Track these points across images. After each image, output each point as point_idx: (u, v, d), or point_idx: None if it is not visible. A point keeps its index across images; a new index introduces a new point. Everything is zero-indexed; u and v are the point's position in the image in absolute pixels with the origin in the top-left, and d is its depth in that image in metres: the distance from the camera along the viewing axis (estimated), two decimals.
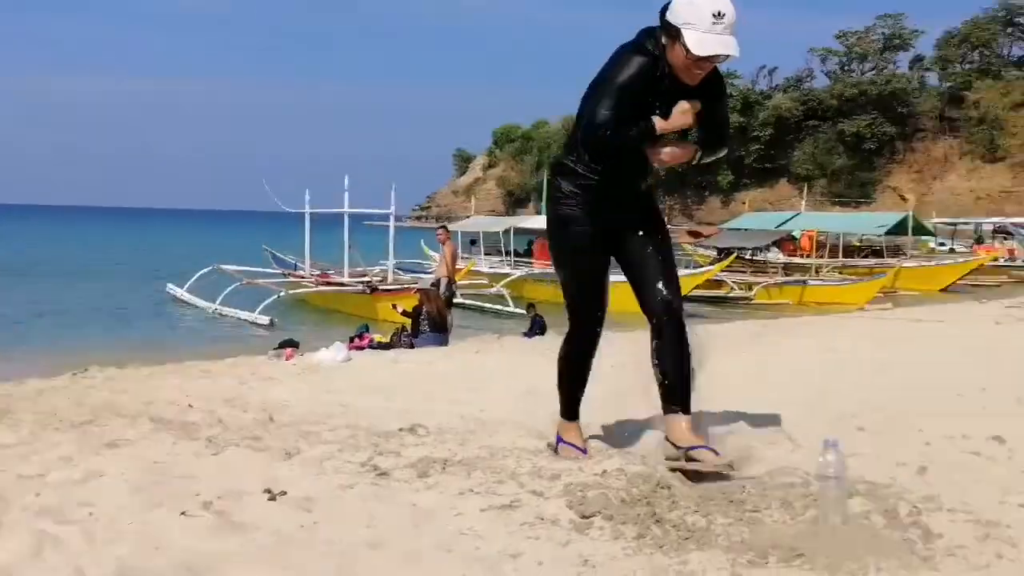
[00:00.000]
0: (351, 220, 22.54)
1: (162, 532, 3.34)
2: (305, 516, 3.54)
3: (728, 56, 3.77)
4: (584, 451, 4.33)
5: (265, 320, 18.29)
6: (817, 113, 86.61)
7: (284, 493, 3.81)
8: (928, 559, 3.10)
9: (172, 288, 23.09)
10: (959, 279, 31.77)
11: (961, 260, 34.99)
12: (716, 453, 4.00)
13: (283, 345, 10.88)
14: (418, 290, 14.58)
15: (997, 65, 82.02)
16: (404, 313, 13.85)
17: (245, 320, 18.76)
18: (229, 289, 20.52)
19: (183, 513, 3.54)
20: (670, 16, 3.74)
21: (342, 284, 21.74)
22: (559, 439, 4.45)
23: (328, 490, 3.91)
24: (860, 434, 4.98)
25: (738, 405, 5.16)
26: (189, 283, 22.57)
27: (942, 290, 30.09)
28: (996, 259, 39.80)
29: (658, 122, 3.80)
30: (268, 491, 3.81)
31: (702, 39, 3.65)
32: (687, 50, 3.67)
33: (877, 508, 3.56)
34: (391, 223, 22.42)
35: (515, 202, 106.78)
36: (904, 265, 31.68)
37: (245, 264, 24.57)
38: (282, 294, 20.27)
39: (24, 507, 3.62)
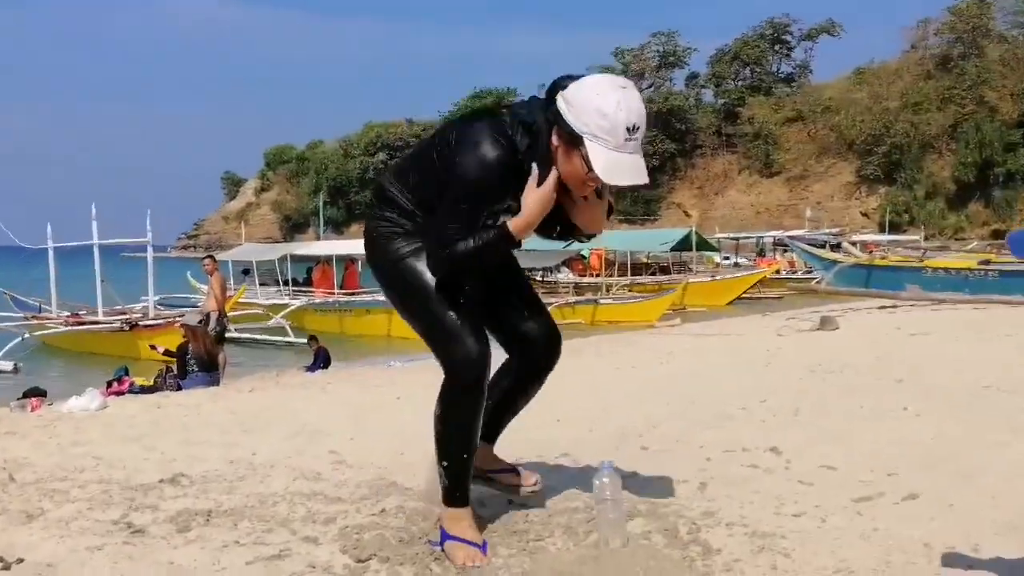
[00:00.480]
0: (104, 252, 21.48)
1: None
2: None
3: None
4: (483, 548, 3.46)
5: (8, 366, 17.19)
6: None
7: (21, 560, 3.58)
8: (706, 575, 3.26)
9: None
10: (743, 292, 33.81)
11: (744, 274, 37.24)
12: (518, 474, 3.99)
13: (28, 394, 10.24)
14: (182, 325, 14.04)
15: (768, 81, 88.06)
16: (167, 353, 13.39)
17: None
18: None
19: None
20: (570, 115, 3.18)
21: (96, 322, 20.71)
22: (445, 535, 3.51)
23: (73, 553, 3.71)
24: (643, 453, 5.21)
25: (523, 428, 5.27)
26: None
27: (728, 303, 31.90)
28: (778, 271, 42.67)
29: (512, 223, 3.26)
30: (1, 560, 3.57)
31: (615, 163, 3.13)
32: (588, 167, 3.16)
33: (657, 528, 3.74)
34: (149, 253, 21.43)
35: (292, 227, 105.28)
36: (690, 281, 33.39)
37: None
38: (26, 336, 19.13)
39: None
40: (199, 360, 12.34)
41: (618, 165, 3.14)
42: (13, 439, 6.97)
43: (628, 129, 3.12)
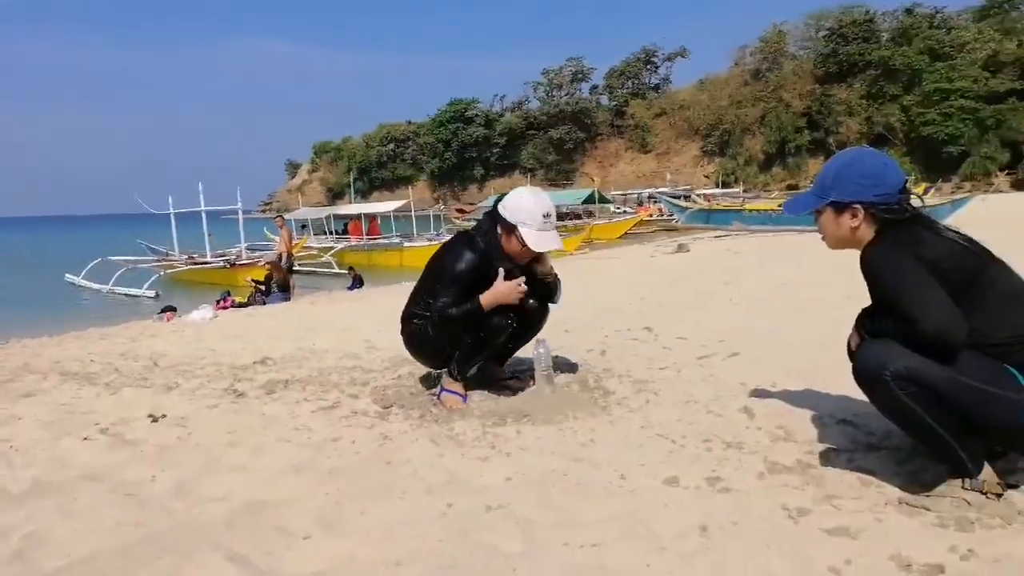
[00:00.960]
0: (208, 216, 21.08)
1: (68, 454, 3.09)
2: (181, 430, 3.37)
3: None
4: (465, 398, 3.50)
5: (151, 294, 16.80)
6: (534, 125, 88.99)
7: (164, 416, 3.60)
8: (605, 408, 3.35)
9: (70, 276, 20.76)
10: (629, 230, 33.70)
11: (629, 217, 37.10)
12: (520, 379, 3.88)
13: (164, 310, 10.07)
14: (267, 262, 13.86)
15: (643, 89, 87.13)
16: (255, 282, 13.14)
17: (134, 296, 17.16)
18: (117, 274, 18.70)
19: (85, 438, 3.28)
20: (506, 214, 3.30)
21: (207, 262, 20.33)
22: (442, 388, 3.56)
23: (198, 410, 3.73)
24: (565, 334, 5.26)
25: None
26: (84, 272, 20.39)
27: (618, 238, 31.80)
28: (651, 216, 42.69)
29: (484, 298, 3.30)
30: (151, 415, 3.59)
31: (538, 237, 3.27)
32: (523, 243, 3.28)
33: (575, 380, 3.81)
34: (240, 216, 21.03)
35: (334, 196, 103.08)
36: (594, 223, 33.17)
37: (126, 255, 22.53)
38: (161, 273, 18.71)
39: None
40: (278, 284, 12.20)
41: (541, 238, 3.29)
42: (156, 340, 6.91)
43: (544, 216, 3.27)
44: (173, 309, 9.72)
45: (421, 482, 2.54)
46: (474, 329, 3.39)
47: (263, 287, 12.42)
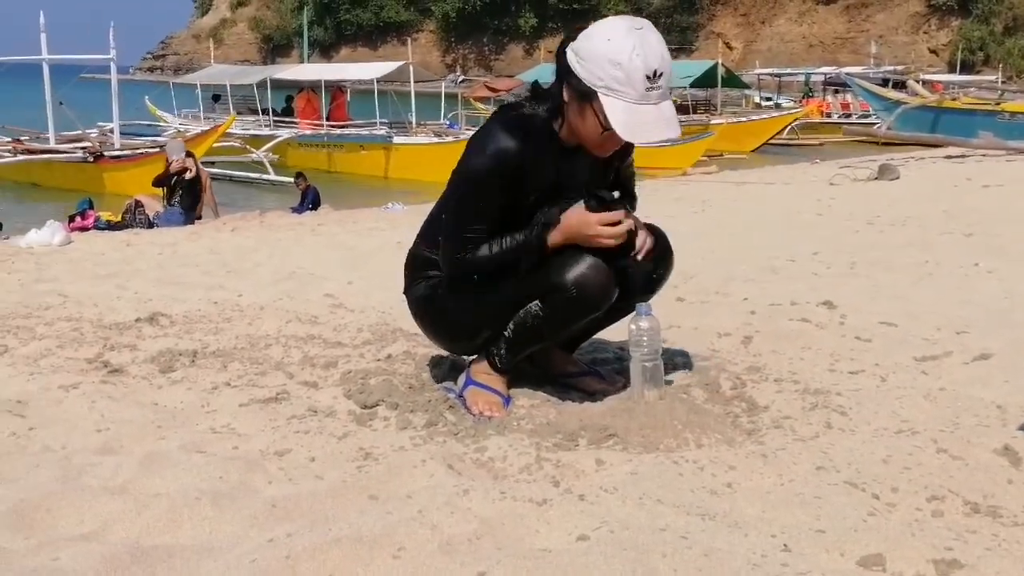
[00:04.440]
0: (56, 72, 21.08)
1: None
2: (17, 422, 3.44)
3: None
4: (506, 401, 3.55)
5: None
6: None
7: None
8: (753, 432, 3.32)
9: None
10: (774, 137, 33.22)
11: (780, 114, 36.51)
12: (601, 377, 3.87)
13: None
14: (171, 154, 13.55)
15: None
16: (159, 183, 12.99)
17: None
18: None
19: None
20: (581, 70, 3.15)
21: (53, 151, 20.45)
22: (469, 380, 3.61)
23: (45, 392, 3.80)
24: (679, 305, 5.24)
25: None
26: None
27: (753, 150, 31.34)
28: (826, 114, 42.09)
29: (553, 235, 3.30)
30: None
31: (636, 119, 3.11)
32: (604, 125, 3.15)
33: (697, 381, 3.80)
34: (113, 74, 20.98)
35: (273, 49, 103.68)
36: (716, 121, 32.78)
37: None
38: None
39: None
40: (191, 193, 12.29)
41: (640, 120, 3.12)
42: None
43: (648, 77, 3.07)
44: None
45: (431, 534, 2.54)
46: (532, 290, 3.38)
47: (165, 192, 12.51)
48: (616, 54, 3.08)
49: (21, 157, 20.21)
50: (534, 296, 3.39)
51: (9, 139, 21.99)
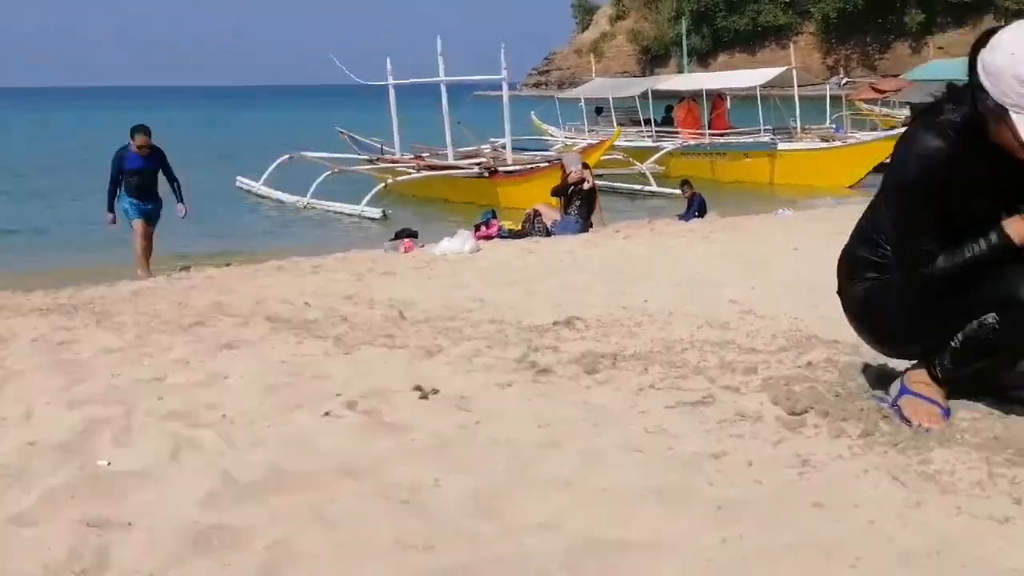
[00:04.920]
0: (451, 91, 22.16)
1: (306, 434, 3.51)
2: (464, 416, 3.67)
3: None
4: (946, 412, 3.40)
5: (376, 213, 18.23)
6: None
7: (436, 392, 3.94)
8: None
9: (244, 181, 22.95)
10: None
11: None
12: None
13: (399, 235, 11.06)
14: (566, 167, 13.98)
15: None
16: (560, 194, 13.50)
17: (349, 214, 18.75)
18: (320, 179, 20.51)
19: (326, 414, 3.71)
20: (989, 85, 3.07)
21: (452, 167, 21.56)
22: (904, 390, 3.50)
23: (484, 388, 4.04)
24: None
25: None
26: (264, 175, 22.37)
27: None
28: None
29: (1013, 227, 3.20)
30: (419, 388, 3.95)
31: None
32: (1021, 142, 3.02)
33: None
34: (504, 91, 21.78)
35: (652, 60, 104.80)
36: None
37: (323, 150, 24.24)
38: (389, 182, 20.05)
39: (149, 411, 3.84)
40: (586, 203, 12.67)
41: None
42: (393, 280, 7.66)
43: None
44: (413, 235, 10.67)
45: (887, 546, 2.49)
46: (987, 301, 3.22)
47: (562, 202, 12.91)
48: (1021, 70, 2.95)
49: (424, 173, 21.46)
50: (989, 308, 3.22)
51: (412, 155, 23.42)
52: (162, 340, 5.31)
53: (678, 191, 18.33)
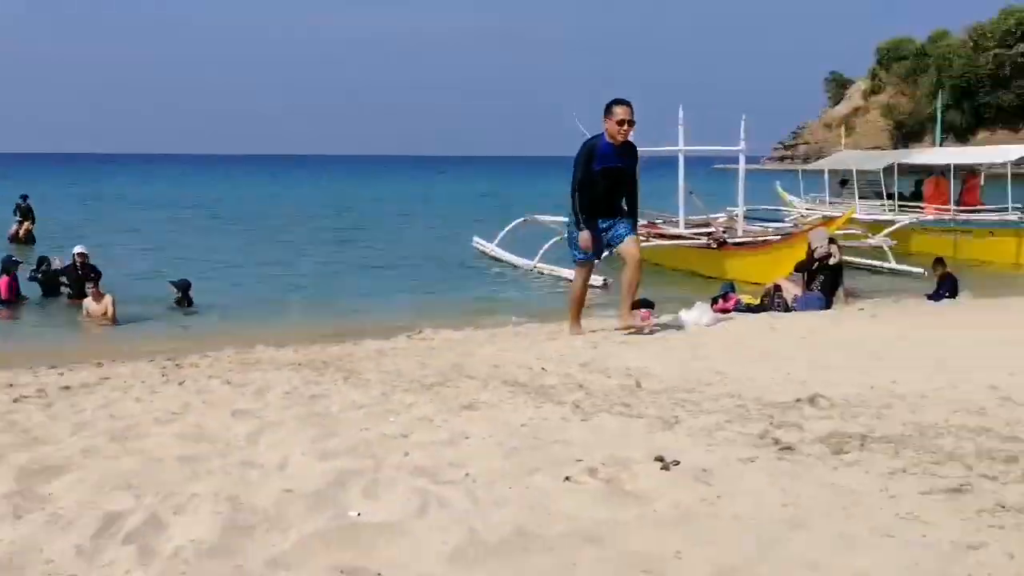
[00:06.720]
0: (689, 162, 22.14)
1: (546, 497, 3.57)
2: (705, 489, 3.64)
3: None
4: None
5: (599, 281, 18.36)
6: None
7: (677, 463, 3.94)
8: None
9: (479, 242, 23.69)
10: None
11: None
12: None
13: (636, 305, 11.06)
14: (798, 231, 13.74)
15: None
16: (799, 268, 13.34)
17: (570, 280, 18.87)
18: (549, 244, 20.70)
19: (567, 479, 3.76)
20: None
21: (680, 236, 21.50)
22: None
23: (726, 462, 4.00)
24: None
25: None
26: (499, 236, 23.01)
27: None
28: None
29: None
30: (660, 459, 3.96)
31: None
32: None
33: None
34: (741, 163, 21.64)
35: (905, 136, 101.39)
36: None
37: (557, 215, 24.51)
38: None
39: (397, 466, 4.00)
40: (830, 277, 12.43)
41: None
42: (628, 348, 7.68)
43: None
44: (650, 305, 10.63)
45: None
46: None
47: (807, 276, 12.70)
48: None
49: (654, 241, 21.48)
50: None
51: (645, 221, 23.45)
52: (405, 398, 5.51)
53: (919, 269, 17.61)
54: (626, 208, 8.95)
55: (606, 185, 8.51)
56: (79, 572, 3.02)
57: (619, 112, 8.35)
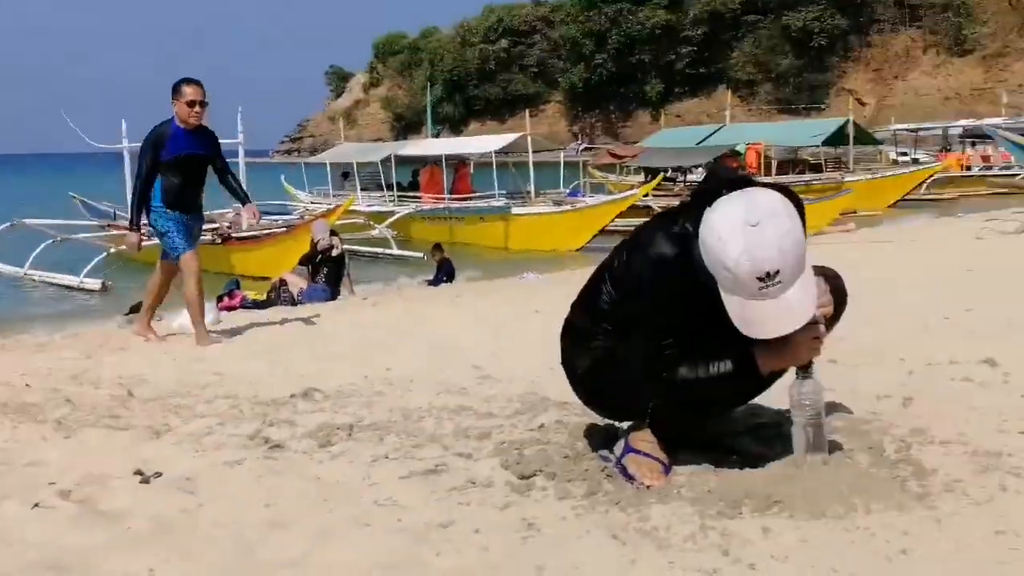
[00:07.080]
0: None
1: (12, 527, 3.32)
2: (187, 498, 3.55)
3: None
4: (666, 468, 3.54)
5: (96, 284, 17.49)
6: (757, 6, 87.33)
7: (159, 475, 3.81)
8: (923, 497, 3.23)
9: None
10: (910, 192, 32.36)
11: (917, 168, 35.60)
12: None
13: (135, 310, 10.67)
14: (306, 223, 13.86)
15: None
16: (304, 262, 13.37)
17: (66, 286, 17.85)
18: (40, 248, 19.47)
19: (36, 505, 3.52)
20: (704, 256, 3.27)
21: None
22: (628, 448, 3.59)
23: (211, 468, 3.93)
24: (832, 367, 5.15)
25: None
26: None
27: (889, 206, 30.58)
28: (968, 167, 41.11)
29: (764, 359, 3.41)
30: (139, 472, 3.81)
31: (753, 315, 3.22)
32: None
33: (860, 445, 3.71)
34: (240, 157, 21.38)
35: (405, 127, 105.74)
36: (850, 178, 32.04)
37: (52, 216, 23.25)
38: (112, 250, 19.21)
39: None
40: (328, 271, 12.59)
41: (760, 316, 3.19)
42: (126, 356, 7.35)
43: (760, 279, 3.13)
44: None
45: None
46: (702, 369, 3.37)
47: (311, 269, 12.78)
48: (726, 259, 3.15)
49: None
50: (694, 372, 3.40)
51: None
52: None
53: (420, 254, 18.37)
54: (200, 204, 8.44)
55: (182, 175, 7.89)
56: None
57: (188, 92, 7.76)
